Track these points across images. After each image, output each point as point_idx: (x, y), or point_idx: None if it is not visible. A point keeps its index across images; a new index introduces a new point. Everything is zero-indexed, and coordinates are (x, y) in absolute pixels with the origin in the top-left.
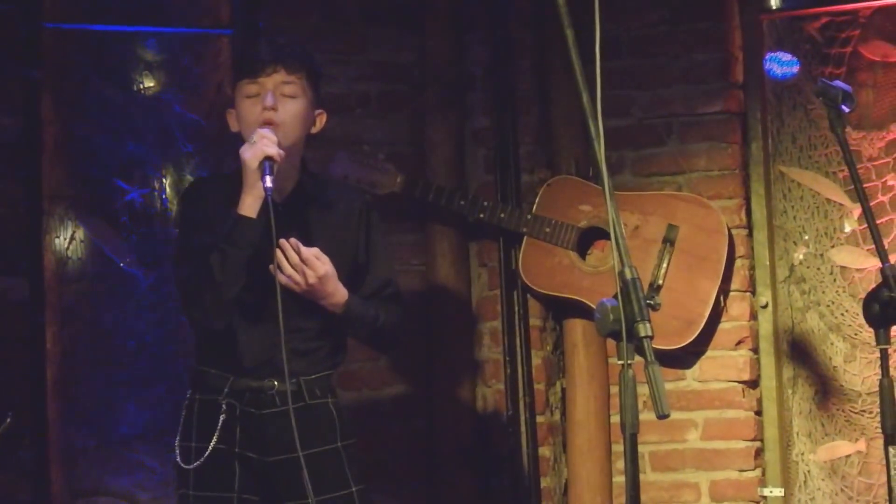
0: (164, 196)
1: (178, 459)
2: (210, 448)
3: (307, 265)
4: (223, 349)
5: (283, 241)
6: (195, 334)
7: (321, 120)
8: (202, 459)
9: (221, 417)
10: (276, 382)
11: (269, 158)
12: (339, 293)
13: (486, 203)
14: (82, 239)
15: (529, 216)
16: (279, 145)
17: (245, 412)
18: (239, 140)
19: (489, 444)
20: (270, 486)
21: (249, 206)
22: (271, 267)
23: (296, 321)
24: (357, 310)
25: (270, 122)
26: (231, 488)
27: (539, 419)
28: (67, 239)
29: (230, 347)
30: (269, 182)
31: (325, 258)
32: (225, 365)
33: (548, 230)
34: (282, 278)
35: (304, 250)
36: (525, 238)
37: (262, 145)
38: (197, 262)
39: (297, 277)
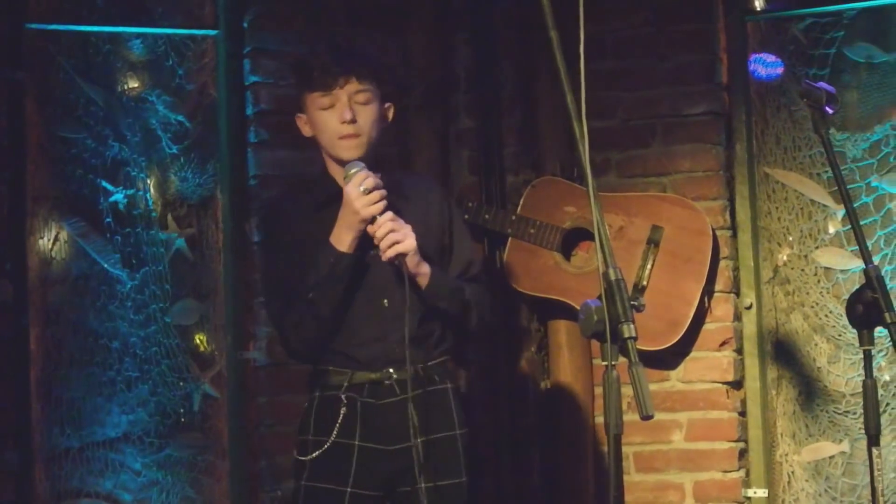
0: (148, 197)
1: (296, 453)
2: (330, 441)
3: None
4: (338, 347)
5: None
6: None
7: (390, 113)
8: (319, 452)
9: (342, 411)
10: (392, 372)
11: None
12: (424, 265)
13: (470, 204)
14: (66, 240)
15: (514, 217)
16: (362, 149)
17: (365, 404)
18: (313, 145)
19: (474, 445)
20: (391, 474)
21: (350, 244)
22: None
23: (403, 310)
24: (441, 280)
25: (351, 135)
26: (345, 482)
27: (523, 420)
28: (51, 240)
29: (343, 345)
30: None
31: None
32: (342, 361)
33: (532, 231)
34: (400, 247)
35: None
36: (509, 239)
37: (374, 204)
38: (297, 297)
39: (405, 230)
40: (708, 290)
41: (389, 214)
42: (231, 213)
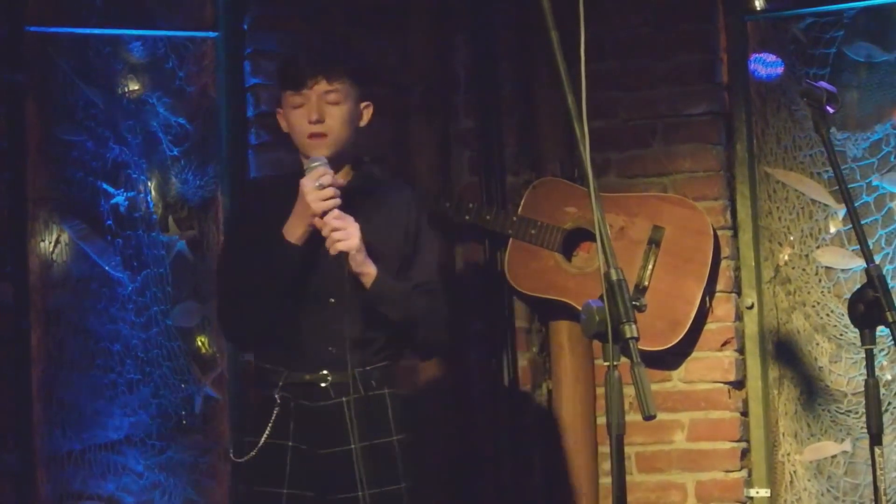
0: (149, 199)
1: (231, 454)
2: (262, 442)
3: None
4: (277, 344)
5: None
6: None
7: (368, 112)
8: (253, 453)
9: (275, 411)
10: (329, 374)
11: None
12: (369, 264)
13: (471, 205)
14: (67, 242)
15: (515, 218)
16: (330, 148)
17: (299, 405)
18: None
19: (476, 446)
20: (323, 478)
21: (294, 232)
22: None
23: (350, 313)
24: (387, 284)
25: (318, 134)
26: (281, 483)
27: (525, 421)
28: (52, 242)
29: (282, 342)
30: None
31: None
32: (279, 360)
33: (533, 232)
34: (341, 244)
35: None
36: (510, 240)
37: (324, 204)
38: (241, 279)
39: (350, 230)
40: (709, 290)
41: (337, 213)
42: None
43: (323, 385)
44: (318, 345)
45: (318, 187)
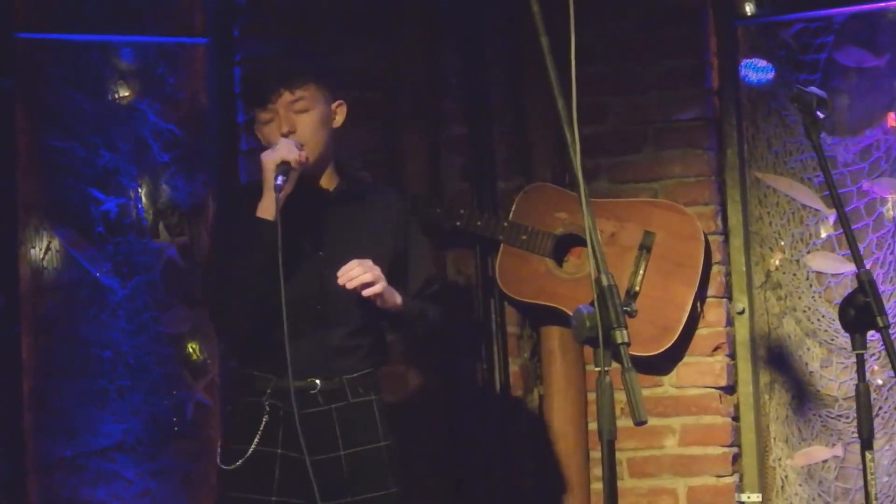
0: (139, 206)
1: (219, 461)
2: (251, 450)
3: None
4: (264, 351)
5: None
6: (237, 338)
7: (342, 111)
8: (242, 461)
9: (264, 419)
10: (318, 381)
11: (285, 163)
12: (396, 296)
13: (462, 211)
14: (58, 249)
15: (506, 224)
16: (307, 159)
17: (288, 413)
18: None
19: (468, 451)
20: (312, 486)
21: (266, 208)
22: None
23: (337, 319)
24: (409, 308)
25: None
26: (269, 491)
27: (516, 426)
28: (43, 249)
29: (271, 349)
30: (279, 180)
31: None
32: (267, 366)
33: (524, 237)
34: (369, 290)
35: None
36: (501, 245)
37: (280, 150)
38: (220, 266)
39: (370, 276)
40: (700, 296)
41: (355, 263)
42: None
43: (312, 392)
44: (307, 352)
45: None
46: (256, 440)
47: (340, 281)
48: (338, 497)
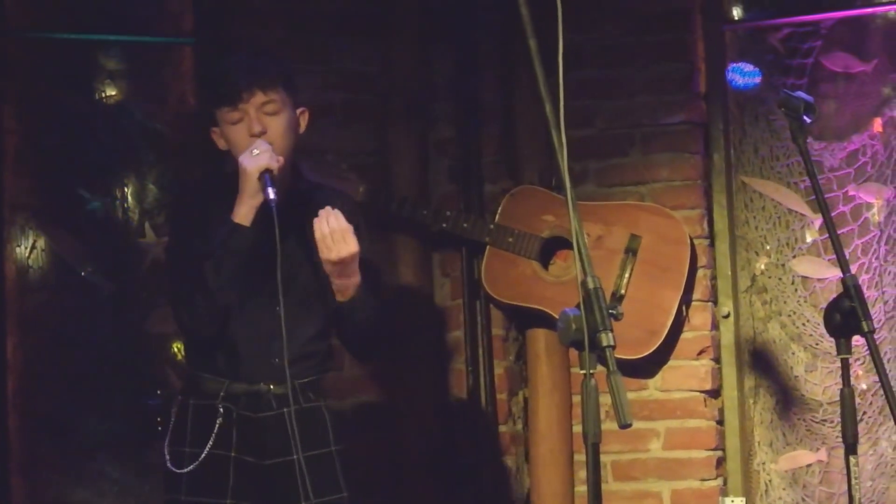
0: (126, 205)
1: (169, 464)
2: (205, 453)
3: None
4: (217, 354)
5: (327, 209)
6: (187, 340)
7: (305, 118)
8: (196, 464)
9: (218, 422)
10: (271, 386)
11: (269, 171)
12: (358, 274)
13: (448, 213)
14: (43, 248)
15: (492, 226)
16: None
17: (242, 416)
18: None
19: (454, 454)
20: (267, 489)
21: (245, 214)
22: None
23: (288, 326)
24: (365, 293)
25: None
26: (224, 494)
27: (501, 429)
28: (28, 248)
29: (224, 352)
30: (272, 194)
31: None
32: (220, 369)
33: (511, 240)
34: (330, 253)
35: (344, 222)
36: (488, 248)
37: (264, 158)
38: (190, 268)
39: (347, 242)
40: (686, 299)
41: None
42: None
43: (266, 396)
44: (262, 355)
45: (254, 154)
46: (210, 443)
47: (331, 254)
48: (293, 500)
